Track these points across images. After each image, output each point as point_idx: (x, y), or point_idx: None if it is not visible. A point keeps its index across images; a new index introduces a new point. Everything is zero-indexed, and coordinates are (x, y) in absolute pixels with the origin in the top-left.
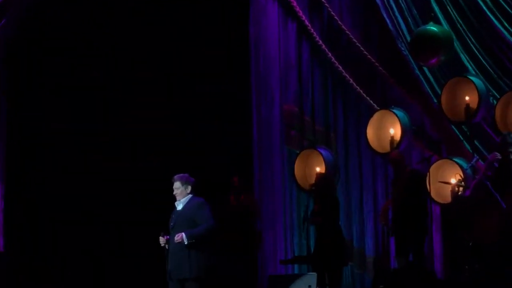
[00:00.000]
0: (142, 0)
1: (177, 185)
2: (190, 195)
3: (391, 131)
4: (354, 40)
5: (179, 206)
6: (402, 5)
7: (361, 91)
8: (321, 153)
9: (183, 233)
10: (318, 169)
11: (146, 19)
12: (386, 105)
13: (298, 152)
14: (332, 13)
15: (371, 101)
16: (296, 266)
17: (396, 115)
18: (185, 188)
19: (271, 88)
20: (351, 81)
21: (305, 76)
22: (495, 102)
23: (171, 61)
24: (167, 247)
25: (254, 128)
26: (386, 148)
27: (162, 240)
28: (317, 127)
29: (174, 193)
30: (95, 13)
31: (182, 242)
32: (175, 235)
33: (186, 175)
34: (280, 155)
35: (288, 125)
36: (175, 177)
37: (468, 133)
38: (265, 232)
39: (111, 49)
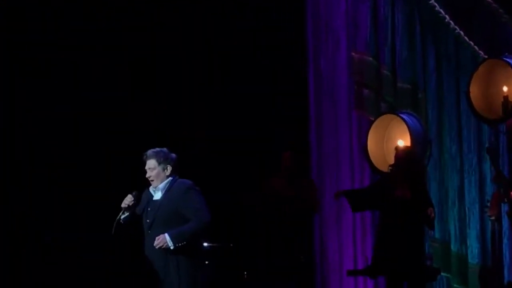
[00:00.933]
0: None
1: (151, 163)
2: (170, 178)
3: (505, 89)
4: None
5: (157, 194)
6: None
7: (461, 32)
8: (404, 121)
9: (166, 235)
10: (400, 143)
11: None
12: (497, 53)
13: (372, 119)
14: None
15: (476, 47)
16: (370, 279)
17: None
18: (164, 169)
19: (335, 30)
20: (448, 18)
21: (382, 13)
22: None
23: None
24: (121, 219)
25: (311, 87)
26: (497, 112)
27: (129, 199)
28: (399, 84)
29: (147, 175)
30: None
31: (164, 247)
32: (154, 237)
33: (165, 149)
34: (347, 124)
35: (358, 82)
36: (149, 153)
37: None
38: (326, 232)
39: None
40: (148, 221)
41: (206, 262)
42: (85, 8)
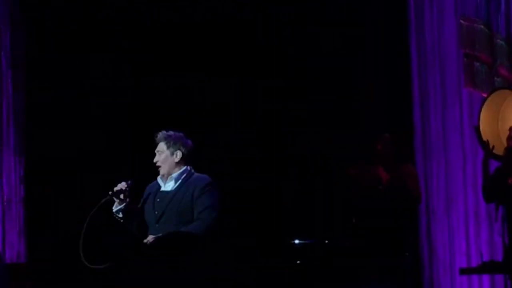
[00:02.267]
0: None
1: (160, 146)
2: (185, 168)
3: None
4: None
5: (168, 184)
6: None
7: None
8: None
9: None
10: None
11: None
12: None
13: (485, 96)
14: None
15: None
16: (485, 277)
17: None
18: (172, 154)
19: None
20: None
21: None
22: None
23: None
24: (114, 210)
25: (413, 60)
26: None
27: (120, 185)
28: None
29: (154, 160)
30: None
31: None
32: (161, 231)
33: (179, 133)
34: (456, 101)
35: (468, 54)
36: (159, 135)
37: None
38: (434, 224)
39: None
40: (156, 212)
41: (298, 262)
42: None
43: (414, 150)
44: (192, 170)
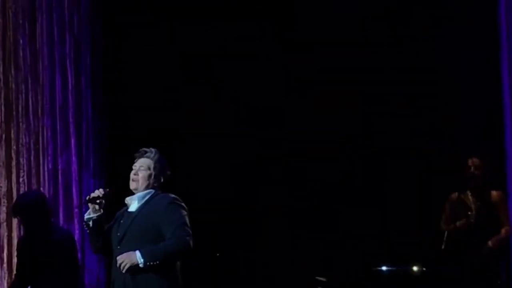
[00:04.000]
0: None
1: (146, 163)
2: (151, 190)
3: None
4: None
5: (133, 205)
6: None
7: None
8: None
9: (137, 251)
10: None
11: None
12: None
13: None
14: None
15: None
16: None
17: None
18: (155, 177)
19: None
20: None
21: None
22: None
23: None
24: (85, 217)
25: (505, 80)
26: None
27: (96, 192)
28: None
29: (133, 173)
30: None
31: (130, 265)
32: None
33: (165, 161)
34: None
35: None
36: (153, 154)
37: None
38: None
39: None
40: (118, 234)
41: None
42: None
43: (506, 173)
44: (159, 192)
